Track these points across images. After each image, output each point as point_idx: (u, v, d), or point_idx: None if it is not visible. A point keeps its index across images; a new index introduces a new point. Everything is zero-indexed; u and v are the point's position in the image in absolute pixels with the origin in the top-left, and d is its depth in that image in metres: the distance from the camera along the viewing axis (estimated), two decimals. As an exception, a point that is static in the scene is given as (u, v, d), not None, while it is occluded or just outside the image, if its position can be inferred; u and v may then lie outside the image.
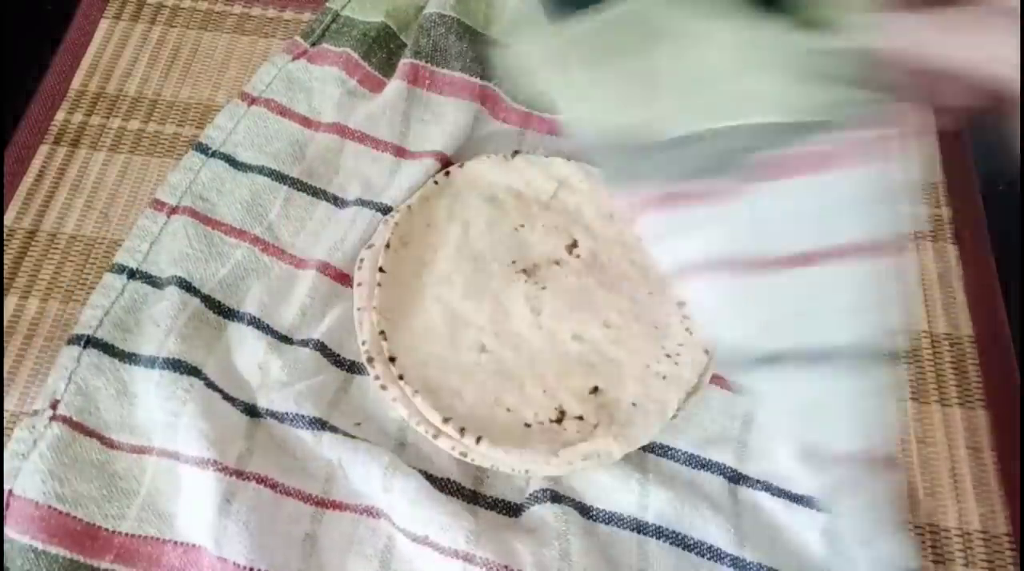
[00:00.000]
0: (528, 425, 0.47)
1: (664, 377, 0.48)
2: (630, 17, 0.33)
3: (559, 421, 0.47)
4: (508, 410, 0.47)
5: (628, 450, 0.46)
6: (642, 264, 0.52)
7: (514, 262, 0.52)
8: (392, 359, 0.48)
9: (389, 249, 0.51)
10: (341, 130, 0.56)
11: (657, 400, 0.48)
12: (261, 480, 0.44)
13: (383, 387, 0.47)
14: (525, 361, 0.49)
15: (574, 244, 0.53)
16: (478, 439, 0.45)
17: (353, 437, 0.46)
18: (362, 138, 0.56)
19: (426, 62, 0.59)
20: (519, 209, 0.54)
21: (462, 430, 0.46)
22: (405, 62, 0.59)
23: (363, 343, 0.48)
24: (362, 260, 0.51)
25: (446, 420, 0.46)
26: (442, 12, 0.60)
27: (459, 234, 0.53)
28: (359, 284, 0.50)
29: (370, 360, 0.48)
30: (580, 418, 0.47)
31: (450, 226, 0.53)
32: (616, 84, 0.35)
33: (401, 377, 0.47)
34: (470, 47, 0.60)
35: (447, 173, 0.55)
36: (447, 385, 0.48)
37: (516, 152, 0.56)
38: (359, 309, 0.49)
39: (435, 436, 0.46)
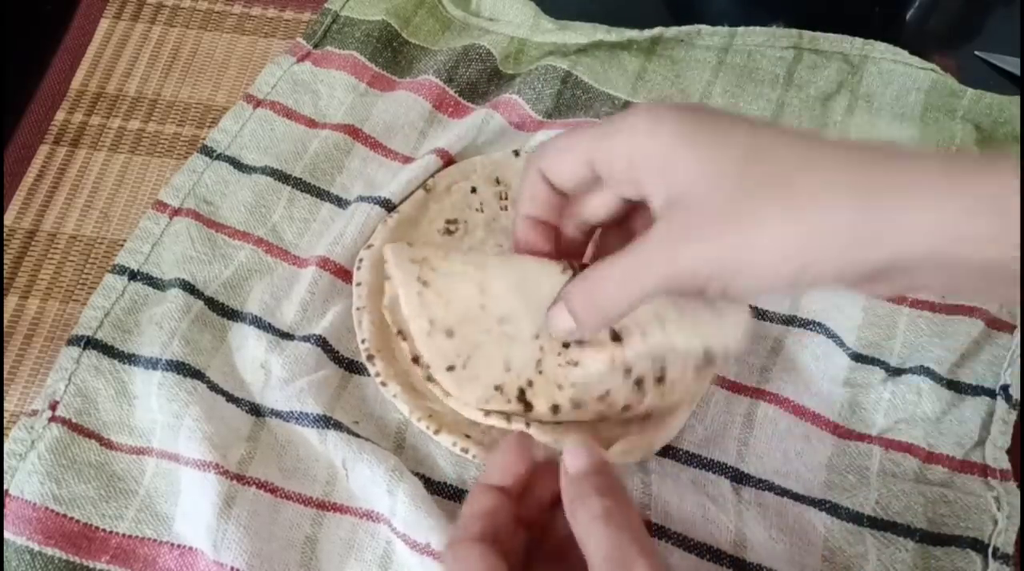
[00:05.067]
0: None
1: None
2: None
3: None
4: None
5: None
6: None
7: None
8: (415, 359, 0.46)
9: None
10: (354, 132, 0.56)
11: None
12: (262, 485, 0.44)
13: (383, 383, 0.47)
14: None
15: None
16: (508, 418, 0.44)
17: (357, 436, 0.45)
18: (375, 145, 0.56)
19: (456, 93, 0.59)
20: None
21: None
22: (433, 82, 0.58)
23: (363, 341, 0.48)
24: (361, 260, 0.51)
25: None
26: (490, 50, 0.60)
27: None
28: (358, 284, 0.50)
29: (370, 357, 0.48)
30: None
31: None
32: None
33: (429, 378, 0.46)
34: (496, 90, 0.60)
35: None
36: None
37: (516, 152, 0.55)
38: (358, 309, 0.49)
39: (435, 432, 0.45)
